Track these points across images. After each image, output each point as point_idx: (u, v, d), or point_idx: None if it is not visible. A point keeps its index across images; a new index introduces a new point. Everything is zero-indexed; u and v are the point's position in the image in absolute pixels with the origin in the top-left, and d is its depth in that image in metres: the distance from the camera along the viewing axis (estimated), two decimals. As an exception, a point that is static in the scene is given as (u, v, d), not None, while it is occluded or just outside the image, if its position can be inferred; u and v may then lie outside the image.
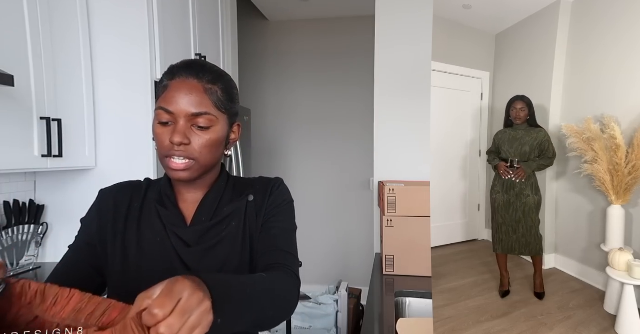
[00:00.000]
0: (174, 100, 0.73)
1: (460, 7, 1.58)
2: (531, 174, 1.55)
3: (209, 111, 0.75)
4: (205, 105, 0.74)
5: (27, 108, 1.65)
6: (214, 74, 0.78)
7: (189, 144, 0.74)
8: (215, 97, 0.76)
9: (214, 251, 0.80)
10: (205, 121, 0.75)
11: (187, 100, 0.73)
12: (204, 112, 0.74)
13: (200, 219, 0.82)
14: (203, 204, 0.83)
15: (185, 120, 0.74)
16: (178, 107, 0.73)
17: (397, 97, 2.41)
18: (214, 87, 0.76)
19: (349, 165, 3.80)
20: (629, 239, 1.39)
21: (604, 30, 1.44)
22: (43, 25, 1.72)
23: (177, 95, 0.74)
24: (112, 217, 0.84)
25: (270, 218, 0.84)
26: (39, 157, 1.69)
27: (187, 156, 0.75)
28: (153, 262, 0.80)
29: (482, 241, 1.79)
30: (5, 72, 1.47)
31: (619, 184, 1.37)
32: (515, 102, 1.54)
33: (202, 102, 0.74)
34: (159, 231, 0.81)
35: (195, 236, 0.80)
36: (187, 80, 0.75)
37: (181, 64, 0.78)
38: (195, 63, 0.78)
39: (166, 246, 0.80)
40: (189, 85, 0.74)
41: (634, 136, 1.33)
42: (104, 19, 2.03)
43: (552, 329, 1.38)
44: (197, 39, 2.45)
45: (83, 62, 1.96)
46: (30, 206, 1.96)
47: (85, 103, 1.98)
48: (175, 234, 0.80)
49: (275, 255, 0.81)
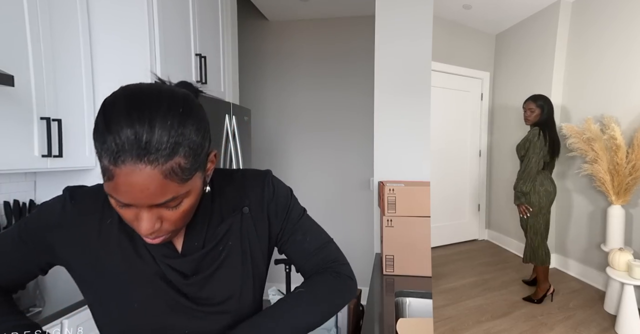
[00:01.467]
0: (127, 195, 0.58)
1: (460, 7, 1.58)
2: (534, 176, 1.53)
3: (176, 194, 0.60)
4: (170, 191, 0.59)
5: (27, 108, 1.65)
6: (169, 144, 0.57)
7: (161, 225, 0.63)
8: (179, 175, 0.59)
9: (215, 277, 0.74)
10: (174, 202, 0.61)
11: (144, 195, 0.58)
12: (170, 199, 0.60)
13: (193, 244, 0.73)
14: (191, 230, 0.73)
15: (148, 209, 0.61)
16: (135, 201, 0.59)
17: (397, 96, 2.41)
18: (172, 164, 0.57)
19: (349, 165, 3.80)
20: (629, 239, 1.39)
21: (604, 31, 1.44)
22: (43, 25, 1.72)
23: (129, 190, 0.57)
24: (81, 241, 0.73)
25: (287, 225, 0.80)
26: (39, 157, 1.69)
27: (162, 235, 0.65)
28: (150, 297, 0.72)
29: (482, 241, 1.79)
30: (5, 72, 1.47)
31: (619, 184, 1.37)
32: (525, 103, 1.50)
33: (165, 190, 0.58)
34: (149, 263, 0.72)
35: (192, 266, 0.73)
36: (137, 168, 0.56)
37: (118, 128, 0.55)
38: (139, 136, 0.55)
39: (161, 279, 0.72)
40: (142, 176, 0.56)
41: (634, 136, 1.33)
42: (104, 19, 2.03)
43: (552, 329, 1.38)
44: (197, 39, 2.45)
45: (83, 62, 1.96)
46: (30, 206, 1.96)
47: (85, 103, 1.98)
48: (169, 266, 0.72)
49: (312, 261, 0.80)
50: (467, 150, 1.74)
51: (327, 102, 3.82)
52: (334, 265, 0.82)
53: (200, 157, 0.63)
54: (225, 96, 2.85)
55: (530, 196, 1.49)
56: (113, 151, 0.56)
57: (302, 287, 0.78)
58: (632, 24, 1.34)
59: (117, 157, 0.56)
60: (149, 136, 0.56)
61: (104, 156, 0.57)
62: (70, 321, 1.49)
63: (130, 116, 0.56)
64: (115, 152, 0.55)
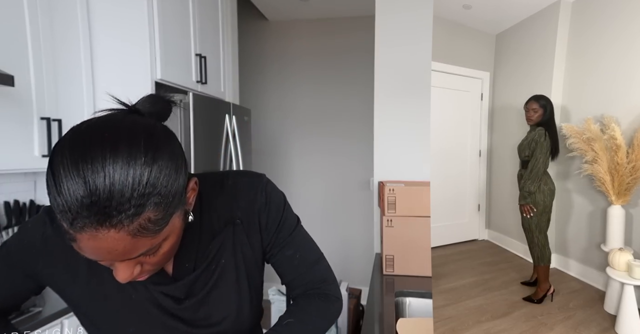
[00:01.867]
0: (95, 256, 0.52)
1: (460, 7, 1.58)
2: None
3: (150, 246, 0.54)
4: (142, 246, 0.53)
5: (27, 108, 1.65)
6: (133, 201, 0.49)
7: (141, 269, 0.58)
8: (151, 230, 0.51)
9: (210, 299, 0.71)
10: (150, 252, 0.55)
11: (113, 255, 0.51)
12: (144, 252, 0.54)
13: (184, 266, 0.69)
14: (180, 251, 0.67)
15: (121, 262, 0.55)
16: (104, 260, 0.53)
17: (397, 97, 2.41)
18: (140, 221, 0.50)
19: (349, 165, 3.80)
20: (629, 239, 1.39)
21: (604, 31, 1.44)
22: (43, 25, 1.72)
23: (95, 252, 0.51)
24: (69, 268, 0.69)
25: (277, 239, 0.75)
26: (39, 157, 1.69)
27: (143, 275, 0.60)
28: (145, 323, 0.70)
29: (482, 241, 1.79)
30: (5, 72, 1.47)
31: (619, 184, 1.37)
32: (527, 103, 1.50)
33: (136, 247, 0.52)
34: (140, 291, 0.69)
35: (184, 290, 0.69)
36: (99, 234, 0.48)
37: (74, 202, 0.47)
38: (94, 198, 0.47)
39: (155, 305, 0.69)
40: (107, 241, 0.49)
41: (634, 136, 1.33)
42: (104, 19, 2.03)
43: (552, 329, 1.38)
44: (197, 39, 2.45)
45: (83, 62, 1.96)
46: (30, 206, 1.96)
47: (85, 103, 1.98)
48: (162, 293, 0.69)
49: (301, 280, 0.78)
50: (467, 150, 1.74)
51: (328, 102, 3.82)
52: (322, 286, 0.79)
53: (175, 200, 0.54)
54: (225, 96, 2.85)
55: (536, 195, 1.49)
56: (68, 217, 0.48)
57: (290, 316, 0.76)
58: (632, 24, 1.34)
59: (74, 223, 0.48)
60: (106, 196, 0.47)
61: (60, 217, 0.49)
62: (70, 321, 1.49)
63: (80, 173, 0.47)
64: (72, 219, 0.47)
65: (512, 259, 1.70)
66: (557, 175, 1.57)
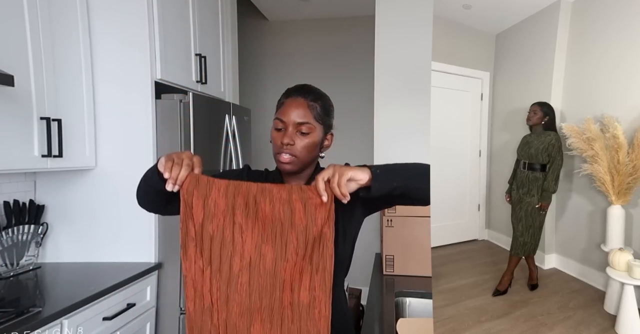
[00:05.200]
0: (286, 113, 1.03)
1: (460, 7, 1.58)
2: (539, 176, 1.55)
3: (309, 121, 1.02)
4: (307, 116, 1.02)
5: (27, 108, 1.65)
6: (316, 95, 1.06)
7: (294, 144, 1.02)
8: (315, 112, 1.03)
9: None
10: (306, 128, 1.02)
11: (295, 113, 1.02)
12: (305, 122, 1.02)
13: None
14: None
15: (292, 127, 1.02)
16: (289, 118, 1.02)
17: (397, 97, 2.41)
18: (314, 104, 1.04)
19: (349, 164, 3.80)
20: (629, 239, 1.39)
21: (604, 30, 1.44)
22: (43, 25, 1.72)
23: (288, 109, 1.03)
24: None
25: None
26: (39, 157, 1.69)
27: (291, 153, 1.02)
28: None
29: (482, 241, 1.79)
30: (5, 72, 1.47)
31: (619, 184, 1.37)
32: (532, 105, 1.54)
33: (305, 114, 1.02)
34: None
35: None
36: (297, 99, 1.04)
37: (294, 87, 1.07)
38: (305, 87, 1.07)
39: None
40: (297, 102, 1.03)
41: (634, 136, 1.33)
42: (104, 19, 2.03)
43: (552, 329, 1.38)
44: (197, 39, 2.45)
45: (83, 62, 1.96)
46: (30, 206, 1.96)
47: (85, 103, 1.98)
48: None
49: None
50: (467, 150, 1.74)
51: (327, 102, 3.83)
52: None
53: (326, 120, 1.07)
54: (225, 96, 2.85)
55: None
56: (288, 91, 1.07)
57: None
58: (632, 23, 1.34)
59: (289, 94, 1.06)
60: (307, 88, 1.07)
61: (282, 98, 1.07)
62: (70, 321, 1.49)
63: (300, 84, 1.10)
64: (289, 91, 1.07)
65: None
66: (557, 175, 1.57)
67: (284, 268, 0.93)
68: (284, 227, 0.94)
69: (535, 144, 1.54)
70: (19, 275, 1.88)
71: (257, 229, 0.93)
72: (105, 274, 1.88)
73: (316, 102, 1.04)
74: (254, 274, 0.93)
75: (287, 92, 1.07)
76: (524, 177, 1.58)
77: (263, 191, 0.95)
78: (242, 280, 0.93)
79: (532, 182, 1.55)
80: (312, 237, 0.94)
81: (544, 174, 1.55)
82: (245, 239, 0.93)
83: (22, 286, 1.81)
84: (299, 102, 1.03)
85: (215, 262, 0.93)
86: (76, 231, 2.09)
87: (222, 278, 0.93)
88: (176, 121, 2.10)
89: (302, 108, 1.02)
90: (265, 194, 0.95)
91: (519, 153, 1.59)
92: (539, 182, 1.55)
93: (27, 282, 1.85)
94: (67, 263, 2.07)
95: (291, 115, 1.02)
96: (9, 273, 1.85)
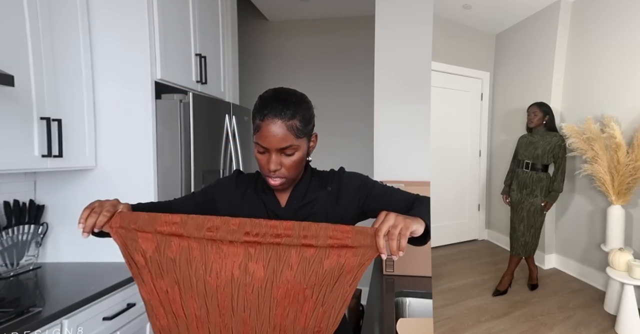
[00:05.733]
0: (266, 139, 0.98)
1: (460, 7, 1.58)
2: (543, 177, 1.55)
3: (292, 143, 0.99)
4: (289, 139, 0.98)
5: (27, 108, 1.65)
6: (292, 108, 0.99)
7: (281, 168, 1.00)
8: (295, 130, 0.98)
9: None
10: (290, 150, 0.99)
11: (275, 139, 0.97)
12: (288, 146, 0.98)
13: (292, 202, 1.09)
14: (294, 192, 1.10)
15: (275, 153, 0.99)
16: (270, 144, 0.98)
17: (397, 97, 2.41)
18: (292, 122, 0.98)
19: (349, 165, 3.78)
20: (629, 239, 1.39)
21: (604, 30, 1.44)
22: (43, 25, 1.72)
23: (267, 135, 0.97)
24: (233, 194, 1.13)
25: (368, 195, 1.13)
26: (39, 157, 1.69)
27: (280, 176, 1.02)
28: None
29: (482, 241, 1.79)
30: (5, 72, 1.47)
31: (619, 184, 1.37)
32: (530, 107, 1.55)
33: (286, 137, 0.98)
34: (261, 212, 1.09)
35: (289, 214, 1.08)
36: (273, 121, 0.97)
37: (266, 102, 1.00)
38: (278, 100, 0.99)
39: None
40: (275, 125, 0.97)
41: (634, 136, 1.33)
42: (104, 19, 2.03)
43: (552, 329, 1.38)
44: (197, 39, 2.45)
45: (83, 62, 1.96)
46: (30, 206, 1.96)
47: (85, 103, 1.98)
48: (274, 213, 1.09)
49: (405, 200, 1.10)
50: (467, 150, 1.74)
51: (327, 102, 3.82)
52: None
53: (308, 128, 1.04)
54: (225, 96, 2.84)
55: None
56: (262, 109, 0.99)
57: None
58: (632, 23, 1.34)
59: (264, 114, 0.98)
60: (282, 100, 1.00)
61: (257, 117, 1.00)
62: (70, 321, 1.49)
63: (274, 91, 1.05)
64: (264, 109, 0.99)
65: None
66: (557, 175, 1.57)
67: (277, 287, 0.90)
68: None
69: (541, 145, 1.54)
70: (19, 275, 1.88)
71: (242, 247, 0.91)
72: (105, 274, 1.88)
73: (294, 118, 0.98)
74: (239, 291, 0.91)
75: (260, 111, 0.99)
76: (527, 178, 1.58)
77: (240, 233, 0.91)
78: (222, 296, 0.92)
79: (535, 183, 1.55)
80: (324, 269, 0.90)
81: (547, 174, 1.55)
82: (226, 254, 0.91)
83: (22, 286, 1.81)
84: (276, 126, 0.96)
85: (185, 281, 0.92)
86: (76, 231, 2.06)
87: (197, 293, 0.92)
88: (176, 121, 2.10)
89: (282, 131, 0.97)
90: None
91: (522, 153, 1.59)
92: (543, 183, 1.55)
93: (27, 282, 1.85)
94: (67, 263, 2.07)
95: (272, 141, 0.97)
96: (9, 272, 1.85)
